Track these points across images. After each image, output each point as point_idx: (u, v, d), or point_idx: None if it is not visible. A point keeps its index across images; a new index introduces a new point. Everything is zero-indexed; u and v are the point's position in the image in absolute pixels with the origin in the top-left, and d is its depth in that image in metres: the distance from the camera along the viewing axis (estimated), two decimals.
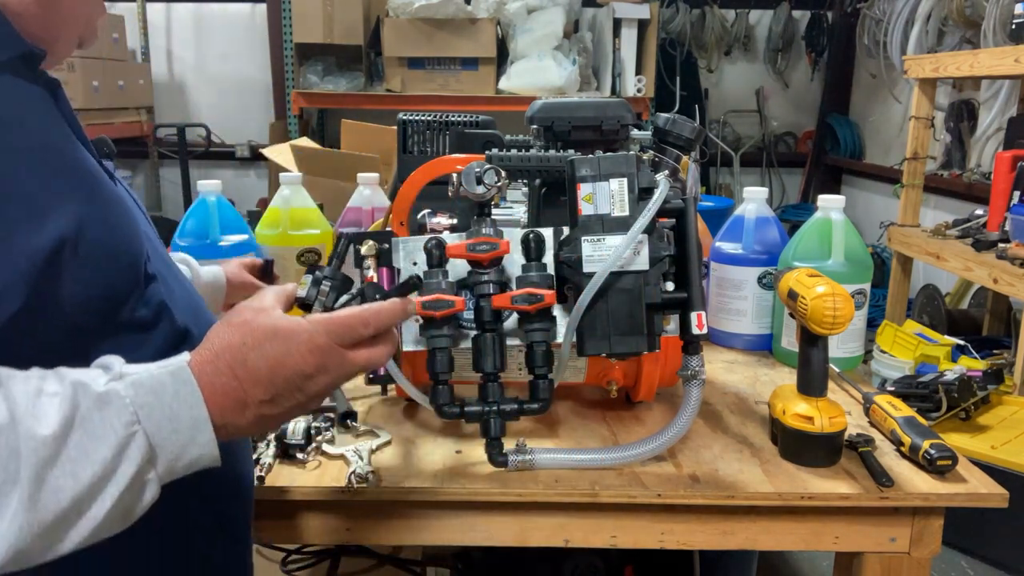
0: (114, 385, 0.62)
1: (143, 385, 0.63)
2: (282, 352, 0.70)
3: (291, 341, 0.70)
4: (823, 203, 1.38)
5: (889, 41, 4.28)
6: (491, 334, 0.93)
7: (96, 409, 0.60)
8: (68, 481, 0.58)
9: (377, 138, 2.87)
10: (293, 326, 0.71)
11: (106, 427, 0.60)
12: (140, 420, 0.62)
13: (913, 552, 0.99)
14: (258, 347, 0.69)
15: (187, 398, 0.65)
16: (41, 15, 0.71)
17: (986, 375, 2.21)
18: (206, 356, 0.68)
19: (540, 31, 4.21)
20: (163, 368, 0.66)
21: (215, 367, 0.67)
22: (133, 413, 0.62)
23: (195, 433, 0.65)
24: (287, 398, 0.71)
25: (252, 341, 0.69)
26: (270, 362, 0.69)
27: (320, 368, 0.72)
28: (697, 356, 0.93)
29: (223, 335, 0.70)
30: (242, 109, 5.13)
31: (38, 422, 0.58)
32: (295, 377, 0.70)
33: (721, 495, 0.95)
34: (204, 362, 0.67)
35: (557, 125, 1.11)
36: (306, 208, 1.54)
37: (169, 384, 0.65)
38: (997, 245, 2.60)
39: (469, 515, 0.98)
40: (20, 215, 0.63)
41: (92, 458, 0.59)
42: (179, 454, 0.64)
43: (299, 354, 0.70)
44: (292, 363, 0.70)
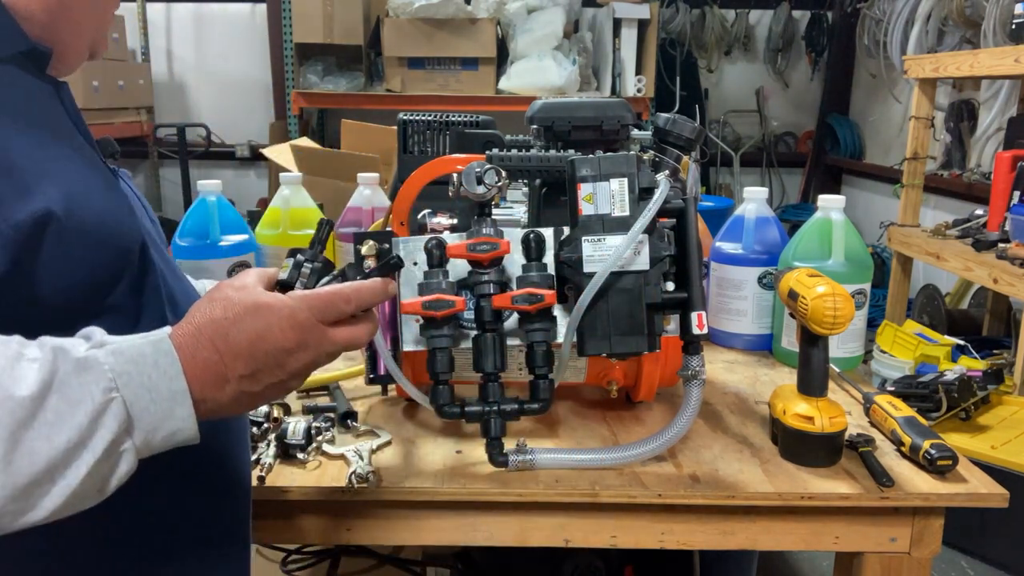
0: (94, 352, 0.62)
1: (123, 354, 0.63)
2: (263, 327, 0.69)
3: (272, 316, 0.70)
4: (823, 203, 1.38)
5: (889, 41, 4.28)
6: (491, 334, 0.93)
7: (74, 374, 0.60)
8: (43, 444, 0.58)
9: (377, 138, 2.87)
10: (274, 301, 0.71)
11: (84, 392, 0.60)
12: (118, 388, 0.62)
13: (913, 552, 0.99)
14: (239, 321, 0.69)
15: (167, 369, 0.64)
16: (48, 22, 0.71)
17: (986, 375, 2.21)
18: (187, 330, 0.68)
19: (540, 31, 4.21)
20: (144, 338, 0.65)
21: (196, 340, 0.67)
22: (111, 380, 0.61)
23: (173, 405, 0.64)
24: (267, 374, 0.70)
25: (233, 315, 0.69)
26: (251, 336, 0.69)
27: (300, 344, 0.71)
28: (697, 356, 0.93)
29: (204, 309, 0.70)
30: (242, 109, 5.13)
31: (15, 383, 0.57)
32: (276, 352, 0.70)
33: (721, 495, 0.95)
34: (185, 335, 0.67)
35: (557, 125, 1.11)
36: (306, 208, 1.54)
37: (149, 354, 0.64)
38: (997, 245, 2.60)
39: (469, 515, 0.98)
40: (7, 186, 0.63)
41: (68, 423, 0.59)
42: (157, 426, 0.64)
43: (280, 329, 0.70)
44: (273, 338, 0.70)
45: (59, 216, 0.66)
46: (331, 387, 1.23)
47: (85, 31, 0.76)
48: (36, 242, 0.65)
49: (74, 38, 0.75)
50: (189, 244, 1.42)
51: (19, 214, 0.63)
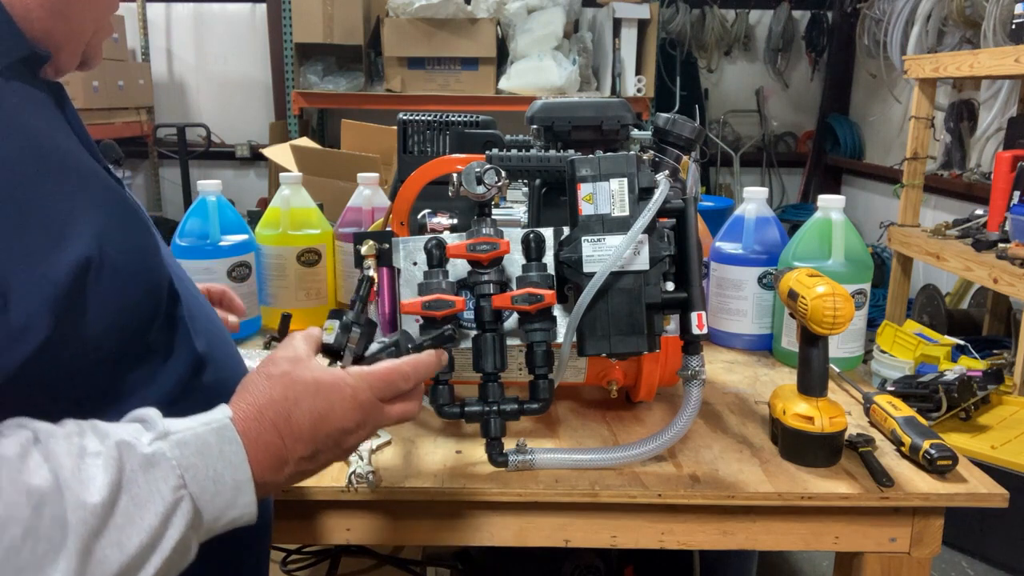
0: (160, 445, 0.60)
1: (188, 445, 0.61)
2: (325, 408, 0.69)
3: (334, 396, 0.69)
4: (823, 203, 1.38)
5: (889, 41, 4.28)
6: (491, 334, 0.93)
7: (141, 472, 0.58)
8: (114, 552, 0.55)
9: (377, 138, 2.87)
10: (336, 380, 0.70)
11: (153, 492, 0.58)
12: (186, 483, 0.60)
13: (913, 552, 0.99)
14: (301, 402, 0.68)
15: (232, 458, 0.63)
16: (47, 20, 0.68)
17: (986, 375, 2.21)
18: (249, 412, 0.66)
19: (540, 31, 4.21)
20: (207, 426, 0.63)
21: (259, 424, 0.66)
22: (179, 476, 0.59)
23: (237, 495, 0.63)
24: (325, 453, 0.70)
25: (294, 395, 0.68)
26: (313, 418, 0.68)
27: (360, 424, 0.71)
28: (697, 356, 0.93)
29: (264, 389, 0.68)
30: (242, 109, 5.13)
31: (85, 488, 0.54)
32: (335, 433, 0.70)
33: (721, 495, 0.95)
34: (248, 418, 0.65)
35: (557, 125, 1.11)
36: (306, 208, 1.54)
37: (214, 444, 0.62)
38: (997, 245, 2.60)
39: (469, 515, 0.98)
40: (42, 235, 0.59)
41: (139, 526, 0.57)
42: (219, 516, 0.62)
43: (342, 410, 0.70)
44: (335, 419, 0.69)
45: (96, 259, 0.62)
46: None
47: (83, 34, 0.72)
48: (77, 294, 0.61)
49: (70, 41, 0.71)
50: (189, 244, 1.42)
51: (57, 268, 0.59)
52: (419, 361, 0.78)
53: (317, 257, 1.52)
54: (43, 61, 0.69)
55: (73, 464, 0.55)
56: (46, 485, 0.53)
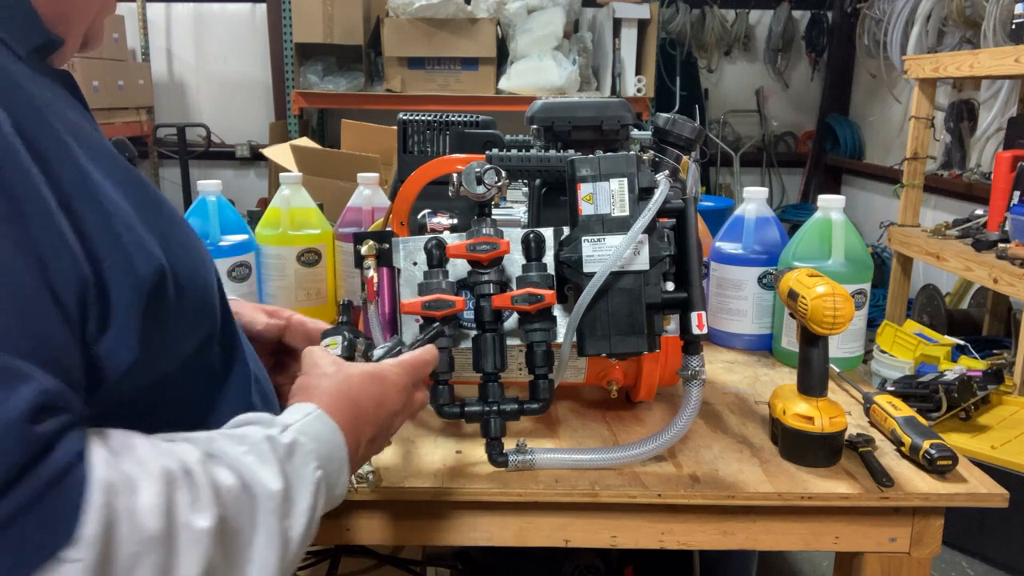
0: (293, 435, 0.63)
1: (307, 433, 0.64)
2: (381, 392, 0.74)
3: (387, 382, 0.75)
4: (823, 203, 1.38)
5: (889, 41, 4.28)
6: (491, 334, 0.93)
7: (288, 460, 0.61)
8: (294, 530, 0.59)
9: (377, 138, 2.87)
10: (385, 369, 0.77)
11: (303, 477, 0.61)
12: (321, 465, 0.63)
13: (913, 552, 0.99)
14: (364, 389, 0.73)
15: (335, 440, 0.67)
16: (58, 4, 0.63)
17: (986, 375, 2.21)
18: (327, 402, 0.69)
19: (540, 31, 4.20)
20: (307, 415, 0.66)
21: (339, 410, 0.69)
22: (316, 458, 0.63)
23: (341, 475, 0.67)
24: (380, 437, 0.75)
25: (357, 383, 0.73)
26: (375, 402, 0.73)
27: (404, 407, 0.78)
28: (697, 356, 0.93)
29: (328, 384, 0.71)
30: (242, 109, 5.13)
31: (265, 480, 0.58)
32: (388, 416, 0.75)
33: (721, 495, 0.95)
34: (327, 404, 0.69)
35: (557, 125, 1.11)
36: (306, 208, 1.54)
37: (322, 430, 0.66)
38: (997, 245, 2.60)
39: (469, 515, 0.98)
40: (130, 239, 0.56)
41: (301, 505, 0.60)
42: (330, 498, 0.66)
43: (394, 393, 0.76)
44: (388, 403, 0.75)
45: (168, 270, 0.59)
46: None
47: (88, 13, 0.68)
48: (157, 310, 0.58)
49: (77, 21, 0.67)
50: None
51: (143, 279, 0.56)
52: (429, 352, 0.85)
53: (317, 257, 1.52)
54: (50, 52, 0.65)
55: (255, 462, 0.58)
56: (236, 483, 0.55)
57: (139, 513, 0.48)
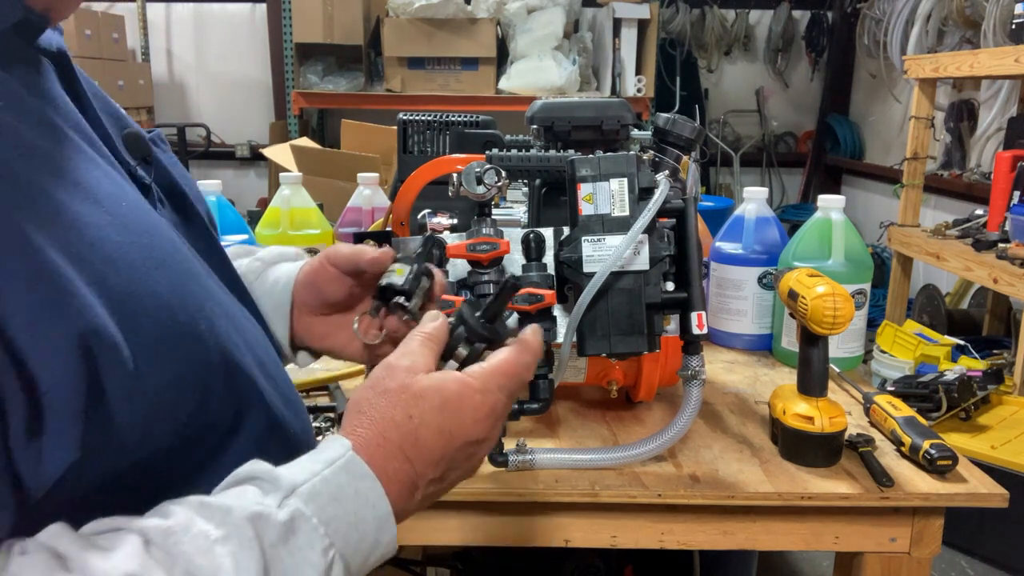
0: (293, 505, 0.50)
1: (321, 495, 0.52)
2: (455, 424, 0.59)
3: (464, 410, 0.60)
4: (823, 203, 1.38)
5: (889, 41, 4.28)
6: None
7: (283, 544, 0.49)
8: None
9: (377, 138, 2.87)
10: (463, 389, 0.60)
11: (301, 563, 0.49)
12: (334, 542, 0.51)
13: (913, 552, 0.99)
14: (428, 420, 0.58)
15: (369, 495, 0.54)
16: None
17: (986, 375, 2.21)
18: (371, 437, 0.56)
19: (540, 31, 4.21)
20: (330, 464, 0.54)
21: (385, 451, 0.56)
22: (324, 536, 0.51)
23: (380, 534, 0.55)
24: (455, 471, 0.61)
25: (419, 413, 0.58)
26: (443, 437, 0.59)
27: (491, 430, 0.62)
28: (697, 356, 0.93)
29: (382, 408, 0.58)
30: (242, 109, 5.13)
31: None
32: (466, 447, 0.60)
33: (721, 495, 0.95)
34: (371, 445, 0.56)
35: (557, 125, 1.11)
36: (306, 208, 1.54)
37: (348, 484, 0.53)
38: (997, 245, 2.60)
39: (469, 515, 0.98)
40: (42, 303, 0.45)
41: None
42: (364, 561, 0.54)
43: (472, 421, 0.60)
44: (464, 433, 0.60)
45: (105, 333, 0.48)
46: (331, 387, 1.23)
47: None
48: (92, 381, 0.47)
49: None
50: None
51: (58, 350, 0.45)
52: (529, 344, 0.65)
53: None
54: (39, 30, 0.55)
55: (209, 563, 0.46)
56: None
57: None
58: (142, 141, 0.64)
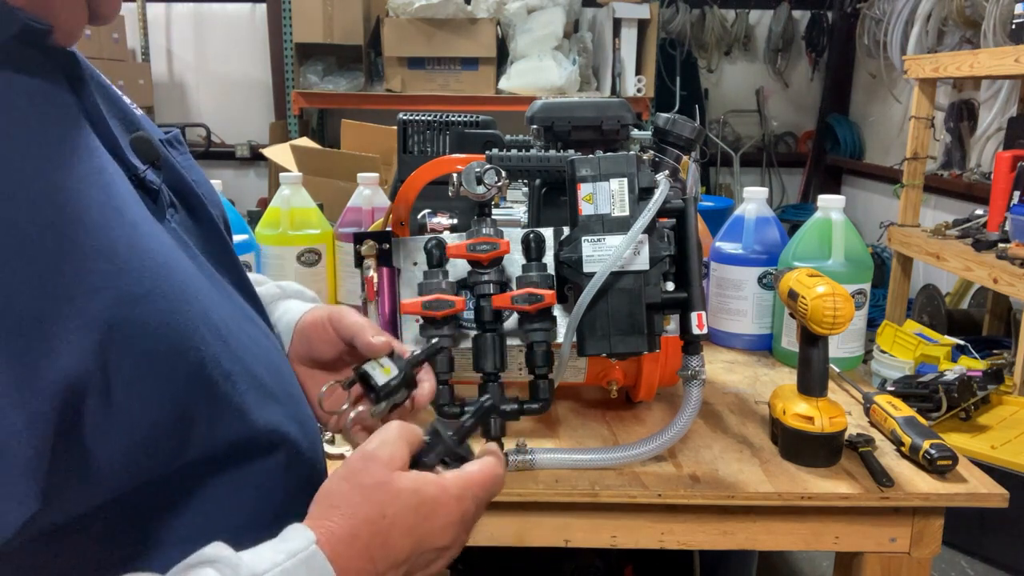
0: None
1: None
2: (425, 528, 0.58)
3: (437, 515, 0.59)
4: (823, 203, 1.38)
5: (889, 41, 4.28)
6: (491, 334, 0.93)
7: None
8: None
9: (377, 138, 2.87)
10: (439, 495, 0.59)
11: None
12: None
13: (913, 552, 0.99)
14: (400, 522, 0.57)
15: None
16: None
17: (986, 375, 2.21)
18: (341, 535, 0.55)
19: (540, 31, 4.20)
20: (293, 557, 0.52)
21: (351, 550, 0.55)
22: None
23: None
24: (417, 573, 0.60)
25: (392, 513, 0.57)
26: (412, 539, 0.58)
27: (457, 537, 0.62)
28: (697, 356, 0.93)
29: (355, 504, 0.56)
30: (242, 109, 5.13)
31: None
32: (432, 552, 0.60)
33: (721, 495, 0.95)
34: (341, 543, 0.55)
35: (557, 125, 1.11)
36: (306, 208, 1.54)
37: None
38: (997, 245, 2.60)
39: None
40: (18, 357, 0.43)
41: None
42: None
43: (442, 527, 0.60)
44: (432, 539, 0.59)
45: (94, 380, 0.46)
46: None
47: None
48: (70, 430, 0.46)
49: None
50: None
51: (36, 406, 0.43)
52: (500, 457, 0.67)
53: (317, 257, 1.52)
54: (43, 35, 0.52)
55: None
56: None
57: None
58: (151, 145, 0.62)
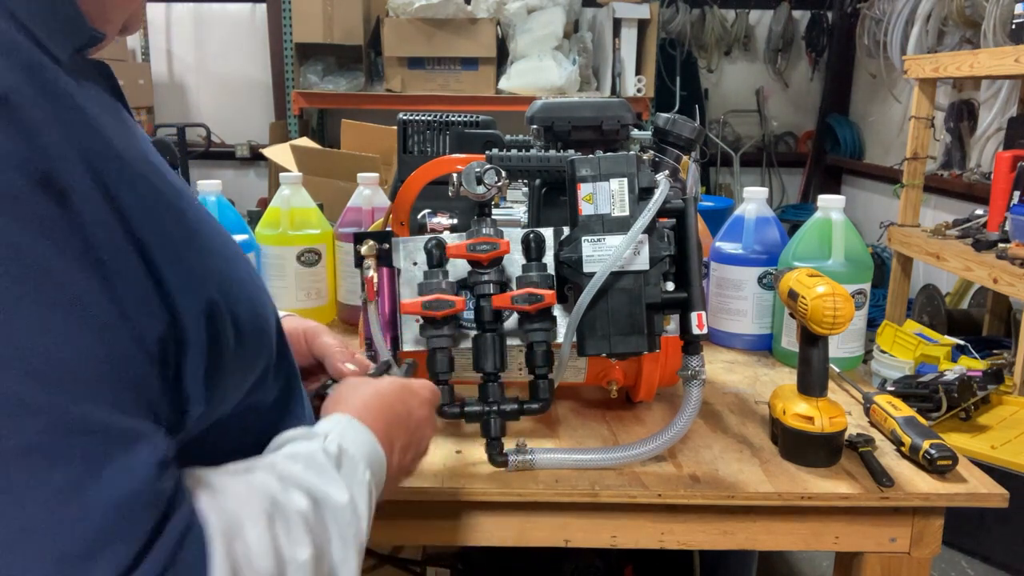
0: (337, 442, 0.63)
1: (346, 437, 0.64)
2: (414, 403, 0.76)
3: (417, 395, 0.78)
4: (823, 203, 1.38)
5: (889, 41, 4.28)
6: (491, 334, 0.93)
7: (340, 467, 0.61)
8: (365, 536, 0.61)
9: (377, 138, 2.87)
10: (413, 382, 0.79)
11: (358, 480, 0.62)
12: (369, 466, 0.64)
13: (913, 552, 0.99)
14: (395, 395, 0.74)
15: (372, 443, 0.67)
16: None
17: (986, 375, 2.21)
18: (357, 408, 0.69)
19: (540, 31, 4.20)
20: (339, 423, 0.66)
21: (370, 415, 0.69)
22: (363, 461, 0.64)
23: (379, 471, 0.67)
24: (412, 447, 0.75)
25: (387, 390, 0.74)
26: (406, 409, 0.74)
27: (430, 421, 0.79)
28: (697, 356, 0.93)
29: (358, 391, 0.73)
30: (242, 109, 5.13)
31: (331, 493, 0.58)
32: (419, 424, 0.76)
33: (721, 495, 0.95)
34: (361, 411, 0.69)
35: (557, 125, 1.11)
36: (306, 208, 1.54)
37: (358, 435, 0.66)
38: (997, 245, 2.60)
39: (469, 515, 0.98)
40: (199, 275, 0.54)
41: (362, 511, 0.61)
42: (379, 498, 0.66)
43: (419, 404, 0.77)
44: (419, 414, 0.76)
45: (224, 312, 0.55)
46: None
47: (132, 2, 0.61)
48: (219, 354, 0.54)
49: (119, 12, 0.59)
50: None
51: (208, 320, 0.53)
52: None
53: (317, 257, 1.52)
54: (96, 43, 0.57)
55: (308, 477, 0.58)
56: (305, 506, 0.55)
57: (254, 557, 0.49)
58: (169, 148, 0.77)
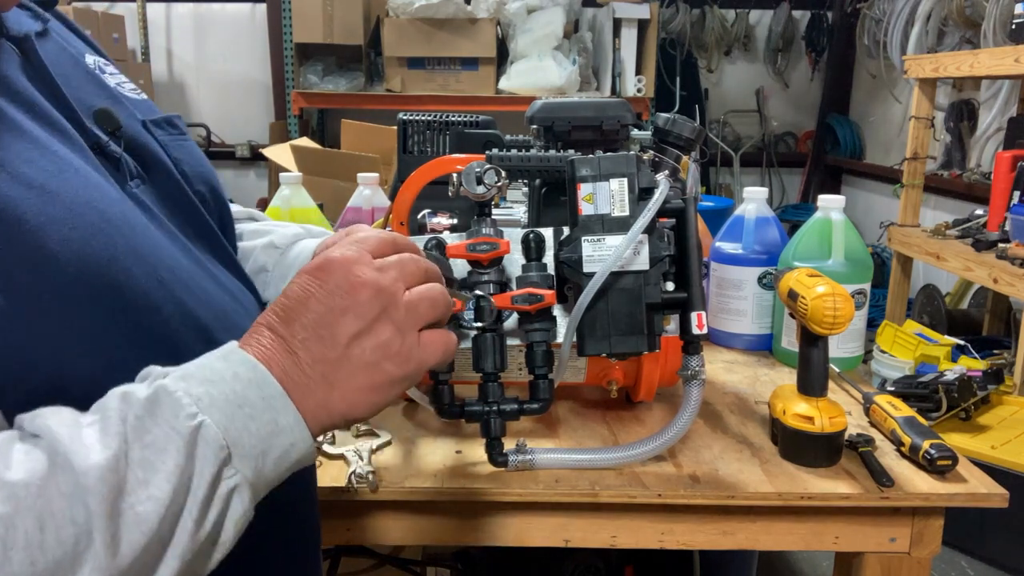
0: (160, 383, 0.51)
1: (193, 376, 0.52)
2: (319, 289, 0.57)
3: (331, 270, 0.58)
4: (823, 203, 1.38)
5: (889, 41, 4.28)
6: (491, 334, 0.93)
7: (148, 416, 0.49)
8: (146, 506, 0.47)
9: (377, 138, 2.87)
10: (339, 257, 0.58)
11: (167, 431, 0.49)
12: (201, 410, 0.50)
13: (913, 552, 0.99)
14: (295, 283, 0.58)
15: (250, 376, 0.53)
16: None
17: (986, 375, 2.21)
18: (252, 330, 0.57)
19: (540, 31, 4.21)
20: (209, 355, 0.54)
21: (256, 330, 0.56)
22: (191, 403, 0.50)
23: (275, 415, 0.53)
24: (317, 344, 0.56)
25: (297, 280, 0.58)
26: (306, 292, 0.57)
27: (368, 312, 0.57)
28: (697, 356, 0.93)
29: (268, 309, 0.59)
30: (242, 109, 5.13)
31: (88, 451, 0.47)
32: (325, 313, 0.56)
33: (721, 495, 0.95)
34: (249, 335, 0.56)
35: (557, 125, 1.11)
36: (306, 208, 1.54)
37: (222, 368, 0.53)
38: (997, 245, 2.60)
39: (469, 515, 0.98)
40: None
41: (163, 471, 0.48)
42: (264, 447, 0.52)
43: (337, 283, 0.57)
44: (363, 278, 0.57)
45: None
46: None
47: None
48: None
49: None
50: None
51: None
52: None
53: None
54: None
55: (70, 433, 0.47)
56: (42, 468, 0.46)
57: None
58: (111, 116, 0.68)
